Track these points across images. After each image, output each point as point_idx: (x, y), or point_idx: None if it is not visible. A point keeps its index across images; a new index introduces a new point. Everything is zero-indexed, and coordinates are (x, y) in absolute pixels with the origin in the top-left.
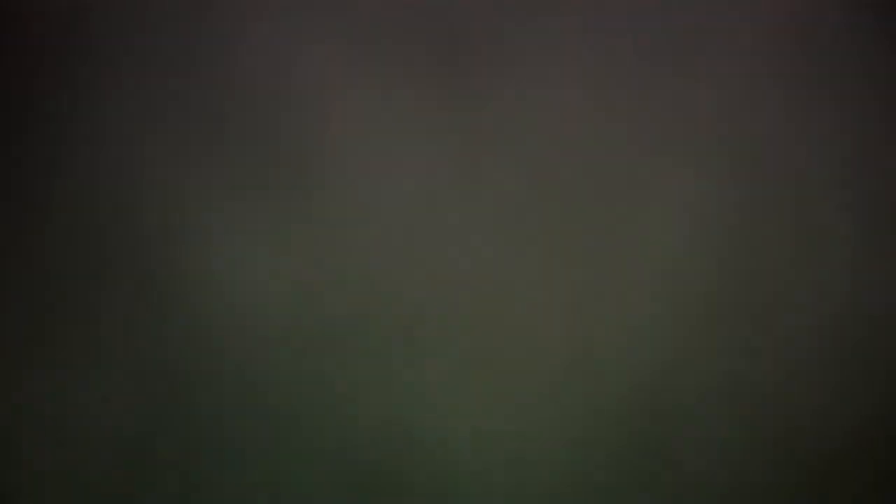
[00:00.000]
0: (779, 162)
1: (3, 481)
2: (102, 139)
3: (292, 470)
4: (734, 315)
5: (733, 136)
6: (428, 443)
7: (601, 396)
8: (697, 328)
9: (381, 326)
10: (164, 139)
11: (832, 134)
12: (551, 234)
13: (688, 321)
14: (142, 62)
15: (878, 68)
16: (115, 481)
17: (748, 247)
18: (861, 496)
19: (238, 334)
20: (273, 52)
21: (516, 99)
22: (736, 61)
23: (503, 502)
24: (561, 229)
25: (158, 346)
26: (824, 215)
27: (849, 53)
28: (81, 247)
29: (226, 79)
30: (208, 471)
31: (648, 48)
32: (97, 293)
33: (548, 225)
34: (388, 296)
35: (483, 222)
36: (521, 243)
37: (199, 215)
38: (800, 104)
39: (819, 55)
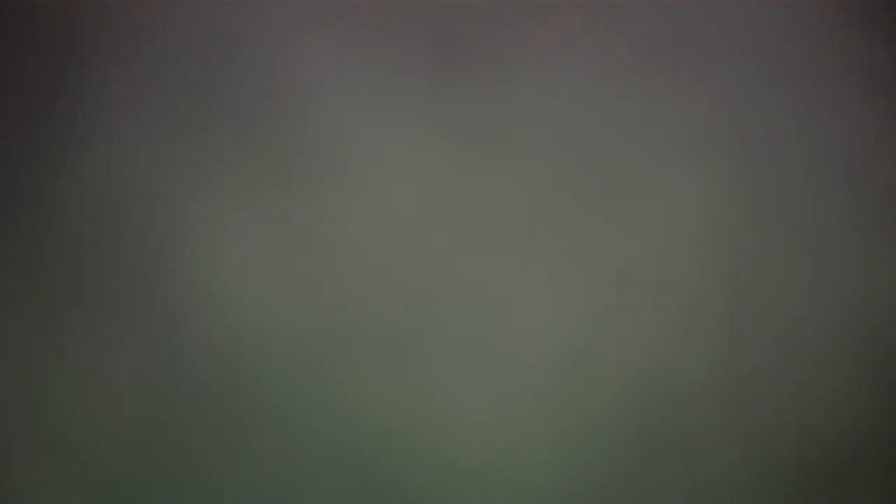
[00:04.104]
0: (778, 162)
1: (3, 485)
2: (103, 141)
3: (296, 468)
4: (733, 314)
5: (732, 137)
6: (430, 441)
7: (602, 395)
8: (697, 328)
9: (384, 326)
10: (166, 141)
11: (832, 134)
12: (552, 234)
13: (687, 321)
14: (143, 64)
15: (877, 68)
16: (118, 482)
17: (747, 247)
18: (858, 493)
19: (241, 335)
20: (274, 53)
21: (518, 99)
22: (736, 62)
23: (505, 499)
24: (561, 228)
25: (162, 347)
26: (823, 214)
27: (848, 53)
28: (83, 249)
29: (227, 81)
30: (211, 471)
31: (650, 49)
32: (100, 296)
33: (548, 224)
34: (390, 296)
35: (485, 221)
36: (523, 242)
37: (202, 219)
38: (800, 104)
39: (819, 55)
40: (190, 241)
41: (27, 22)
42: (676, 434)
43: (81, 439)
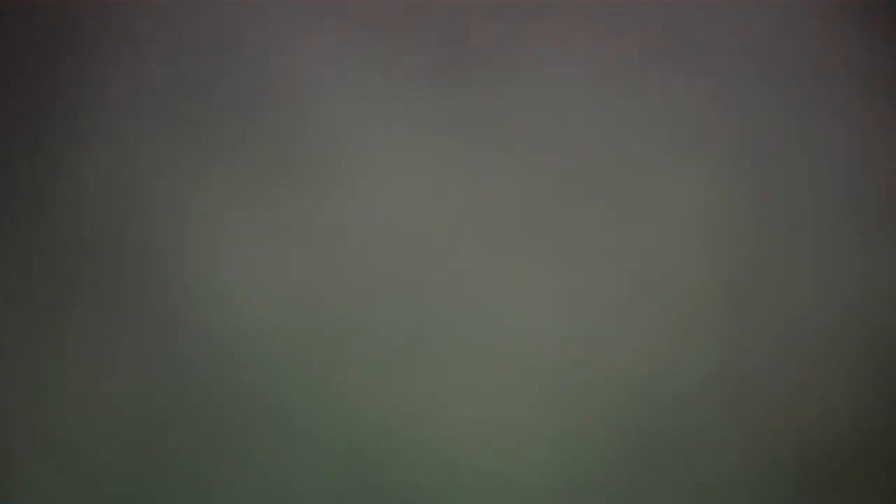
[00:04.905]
0: (778, 162)
1: (3, 485)
2: (103, 141)
3: (296, 468)
4: (733, 314)
5: (732, 137)
6: (430, 441)
7: (602, 395)
8: (695, 327)
9: (385, 328)
10: (166, 141)
11: (832, 134)
12: (552, 234)
13: (687, 321)
14: (143, 64)
15: (877, 68)
16: (118, 482)
17: (747, 247)
18: (858, 493)
19: (241, 335)
20: (274, 53)
21: (518, 98)
22: (736, 62)
23: (505, 499)
24: (561, 228)
25: (163, 350)
26: (823, 214)
27: (848, 53)
28: (84, 249)
29: (227, 81)
30: (210, 471)
31: (650, 49)
32: (100, 296)
33: (548, 224)
34: (390, 298)
35: (485, 221)
36: (523, 242)
37: (202, 219)
38: (800, 104)
39: (819, 55)
40: (190, 240)
41: (27, 22)
42: (676, 434)
43: (81, 439)
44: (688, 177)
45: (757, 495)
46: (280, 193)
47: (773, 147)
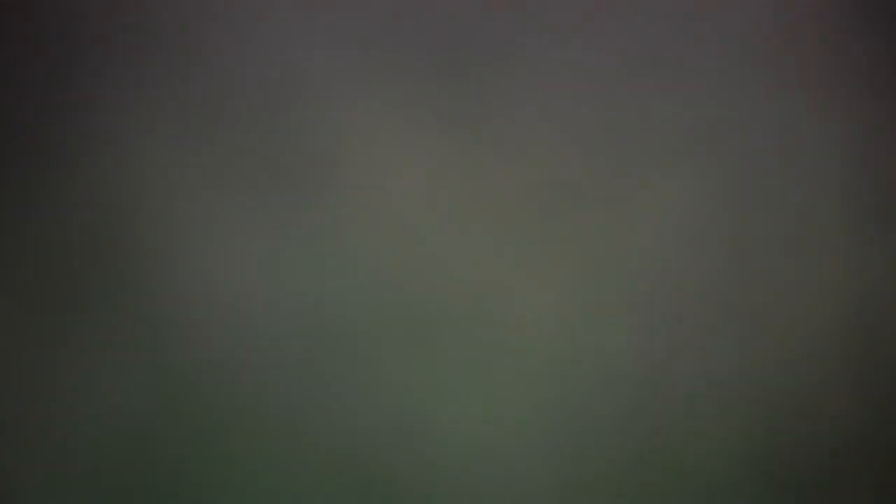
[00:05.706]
0: (777, 162)
1: (3, 485)
2: (103, 138)
3: (293, 470)
4: (731, 314)
5: (733, 137)
6: (429, 442)
7: (602, 395)
8: (695, 328)
9: (383, 326)
10: (166, 138)
11: (831, 134)
12: (552, 236)
13: (686, 321)
14: (145, 62)
15: (876, 68)
16: (117, 482)
17: (747, 247)
18: (858, 493)
19: (240, 334)
20: (278, 53)
21: (518, 98)
22: (736, 62)
23: (504, 499)
24: (561, 231)
25: (161, 348)
26: (823, 215)
27: (847, 53)
28: (80, 246)
29: (230, 79)
30: (208, 471)
31: (650, 49)
32: (100, 296)
33: (548, 224)
34: (389, 296)
35: (484, 221)
36: (523, 244)
37: (201, 215)
38: (799, 104)
39: (818, 55)
40: (188, 241)
41: (27, 22)
42: (676, 434)
43: (81, 439)
44: (688, 177)
45: (757, 495)
46: (280, 193)
47: (773, 147)
